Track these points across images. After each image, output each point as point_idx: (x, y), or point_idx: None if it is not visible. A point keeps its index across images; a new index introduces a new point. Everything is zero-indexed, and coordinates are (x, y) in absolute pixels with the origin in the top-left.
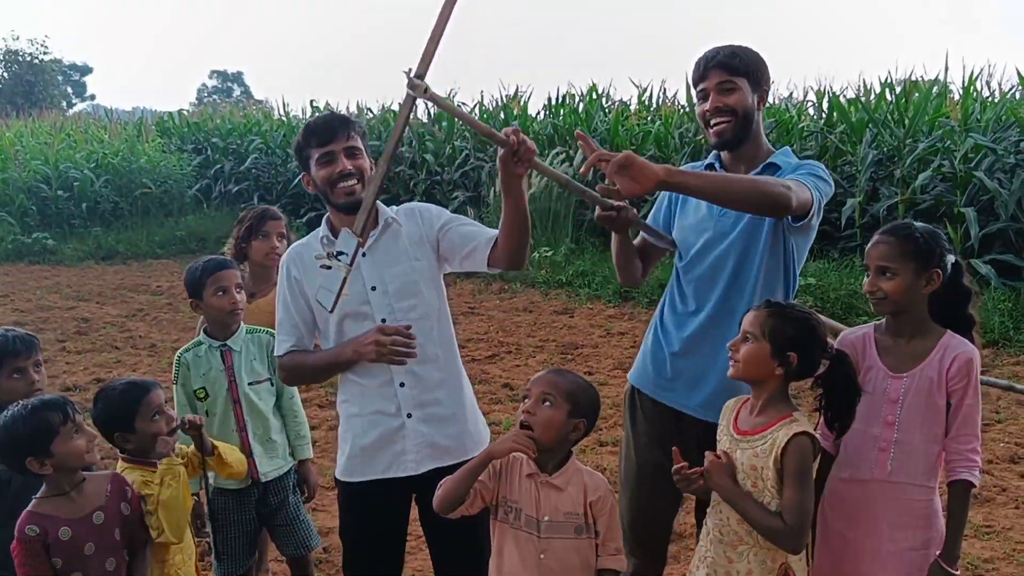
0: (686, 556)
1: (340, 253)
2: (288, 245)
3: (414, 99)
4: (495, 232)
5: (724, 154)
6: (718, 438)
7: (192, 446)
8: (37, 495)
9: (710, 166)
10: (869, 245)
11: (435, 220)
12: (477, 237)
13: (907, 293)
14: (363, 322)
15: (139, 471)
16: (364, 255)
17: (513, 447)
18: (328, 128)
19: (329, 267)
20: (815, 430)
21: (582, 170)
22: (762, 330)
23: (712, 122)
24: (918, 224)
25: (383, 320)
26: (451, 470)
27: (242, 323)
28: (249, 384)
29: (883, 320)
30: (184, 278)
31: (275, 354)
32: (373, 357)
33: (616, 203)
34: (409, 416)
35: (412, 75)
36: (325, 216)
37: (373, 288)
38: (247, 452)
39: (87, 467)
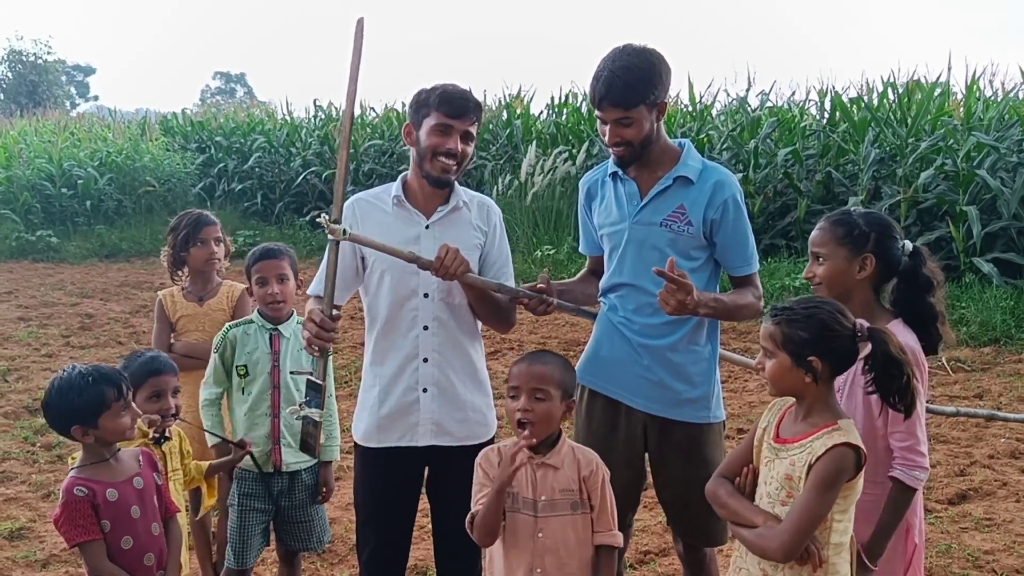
0: (723, 561)
1: (309, 401)
2: (224, 249)
3: (336, 242)
4: (510, 281)
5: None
6: (757, 444)
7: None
8: (77, 464)
9: (613, 175)
10: None
11: (497, 226)
12: (500, 277)
13: (838, 279)
14: (407, 283)
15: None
16: (428, 228)
17: (513, 471)
18: (461, 105)
19: (304, 417)
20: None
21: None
22: (775, 342)
23: (611, 148)
24: (859, 210)
25: (424, 295)
26: (454, 450)
27: (294, 312)
28: (291, 373)
29: None
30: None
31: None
32: (307, 338)
33: (544, 298)
34: (424, 391)
35: (330, 221)
36: (401, 175)
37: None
38: (275, 439)
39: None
